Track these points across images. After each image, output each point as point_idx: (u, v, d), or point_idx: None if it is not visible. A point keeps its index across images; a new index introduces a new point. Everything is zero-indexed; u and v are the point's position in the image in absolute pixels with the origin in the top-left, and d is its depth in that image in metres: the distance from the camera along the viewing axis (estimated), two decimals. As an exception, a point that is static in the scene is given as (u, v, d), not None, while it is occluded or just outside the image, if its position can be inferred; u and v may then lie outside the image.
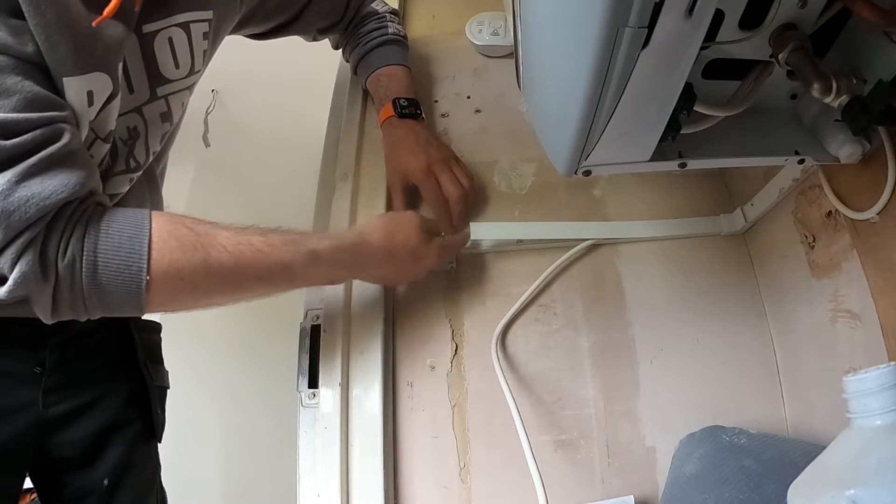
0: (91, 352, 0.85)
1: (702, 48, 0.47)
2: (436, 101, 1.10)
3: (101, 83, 0.60)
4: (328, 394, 0.78)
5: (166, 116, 0.76)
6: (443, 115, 1.08)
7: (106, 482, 0.84)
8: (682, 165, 0.61)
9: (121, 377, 0.89)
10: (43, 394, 0.77)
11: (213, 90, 2.29)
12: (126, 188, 0.77)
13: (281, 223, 0.75)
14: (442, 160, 0.87)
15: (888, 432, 0.41)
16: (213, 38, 0.79)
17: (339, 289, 0.85)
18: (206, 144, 2.37)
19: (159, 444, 0.96)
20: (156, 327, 1.01)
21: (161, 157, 0.89)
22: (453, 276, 0.91)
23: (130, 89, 0.68)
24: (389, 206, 0.94)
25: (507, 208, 0.96)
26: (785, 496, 0.46)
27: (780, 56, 0.52)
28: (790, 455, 0.66)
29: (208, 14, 0.74)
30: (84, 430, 0.82)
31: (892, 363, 0.42)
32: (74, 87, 0.57)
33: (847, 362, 0.71)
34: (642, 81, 0.45)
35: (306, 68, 1.60)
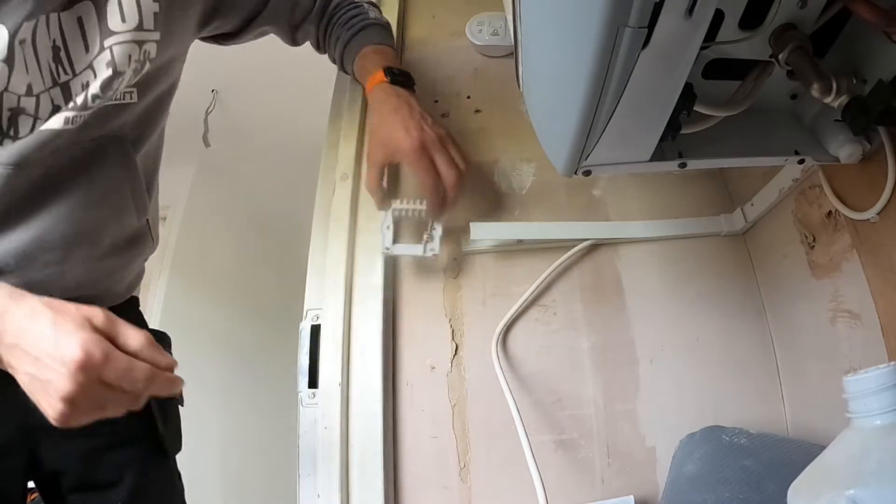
0: None
1: (702, 48, 0.47)
2: (436, 101, 1.10)
3: None
4: (328, 394, 0.78)
5: (109, 64, 0.70)
6: (443, 115, 1.08)
7: None
8: (682, 165, 0.61)
9: None
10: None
11: (213, 90, 2.29)
12: (60, 125, 0.66)
13: (281, 223, 0.75)
14: (438, 139, 0.78)
15: (888, 432, 0.41)
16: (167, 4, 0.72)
17: (339, 288, 0.85)
18: (207, 144, 2.37)
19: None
20: (162, 337, 0.90)
21: (140, 141, 0.78)
22: (453, 276, 0.91)
23: None
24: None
25: (507, 208, 0.97)
26: (785, 496, 0.46)
27: (780, 56, 0.52)
28: (790, 455, 0.67)
29: None
30: (81, 444, 0.75)
31: (892, 363, 0.42)
32: None
33: (847, 362, 0.71)
34: (642, 81, 0.45)
35: (306, 68, 1.60)
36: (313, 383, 0.80)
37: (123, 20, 0.68)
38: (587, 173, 0.59)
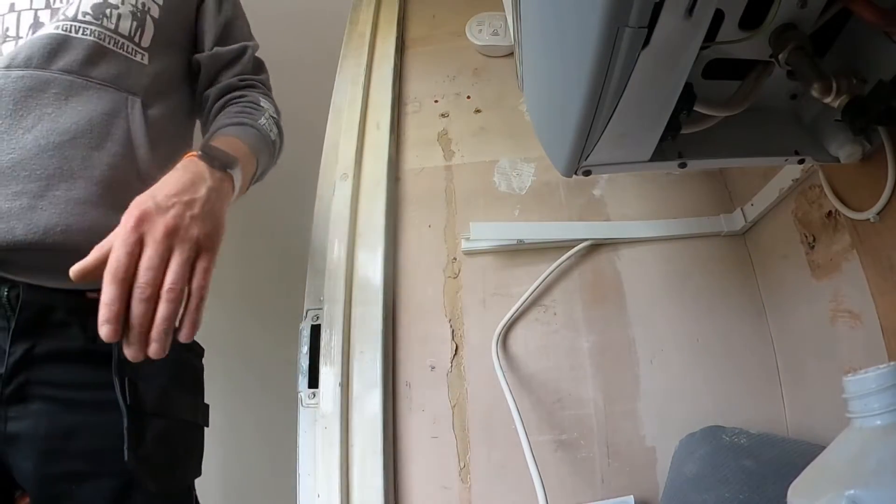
0: (64, 357, 0.64)
1: (702, 48, 0.47)
2: (436, 101, 1.10)
3: None
4: (328, 394, 0.78)
5: None
6: (443, 115, 1.08)
7: None
8: (682, 165, 0.61)
9: (102, 403, 0.64)
10: (3, 404, 0.61)
11: (213, 90, 2.29)
12: (53, 30, 0.69)
13: (281, 223, 0.75)
14: (169, 231, 0.54)
15: (888, 432, 0.41)
16: None
17: (339, 288, 0.85)
18: (206, 144, 2.36)
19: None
20: (193, 348, 0.78)
21: (152, 108, 0.74)
22: (453, 276, 0.91)
23: None
24: (391, 203, 0.94)
25: (507, 208, 0.97)
26: (785, 496, 0.46)
27: (780, 56, 0.52)
28: (790, 455, 0.67)
29: None
30: (48, 466, 0.62)
31: (892, 363, 0.42)
32: None
33: (847, 362, 0.71)
34: (642, 81, 0.45)
35: (306, 68, 1.60)
36: (313, 383, 0.80)
37: None
38: (587, 173, 0.59)
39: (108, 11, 0.74)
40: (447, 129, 1.06)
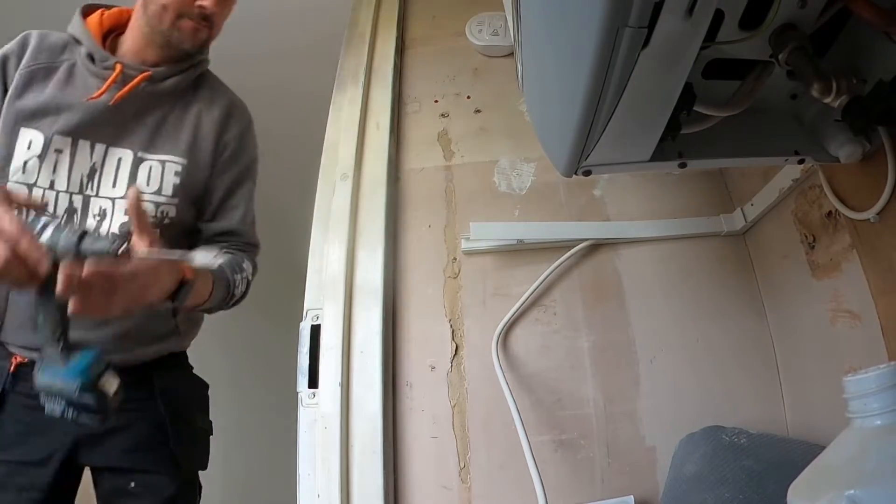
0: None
1: (702, 48, 0.47)
2: (436, 101, 1.10)
3: None
4: (328, 394, 0.78)
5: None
6: (443, 115, 1.08)
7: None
8: (682, 165, 0.61)
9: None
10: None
11: (213, 90, 2.29)
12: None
13: (281, 223, 0.74)
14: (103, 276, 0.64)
15: (888, 432, 0.41)
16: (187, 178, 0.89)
17: (339, 288, 0.85)
18: (207, 144, 2.36)
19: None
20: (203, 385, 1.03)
21: None
22: (453, 276, 0.91)
23: None
24: (390, 203, 0.94)
25: (507, 208, 0.97)
26: (785, 496, 0.46)
27: (780, 56, 0.52)
28: (790, 455, 0.67)
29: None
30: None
31: (892, 363, 0.42)
32: None
33: (847, 362, 0.71)
34: (642, 81, 0.45)
35: (307, 68, 1.60)
36: (313, 383, 0.80)
37: (147, 183, 0.85)
38: (587, 173, 0.59)
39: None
40: (447, 129, 1.06)
